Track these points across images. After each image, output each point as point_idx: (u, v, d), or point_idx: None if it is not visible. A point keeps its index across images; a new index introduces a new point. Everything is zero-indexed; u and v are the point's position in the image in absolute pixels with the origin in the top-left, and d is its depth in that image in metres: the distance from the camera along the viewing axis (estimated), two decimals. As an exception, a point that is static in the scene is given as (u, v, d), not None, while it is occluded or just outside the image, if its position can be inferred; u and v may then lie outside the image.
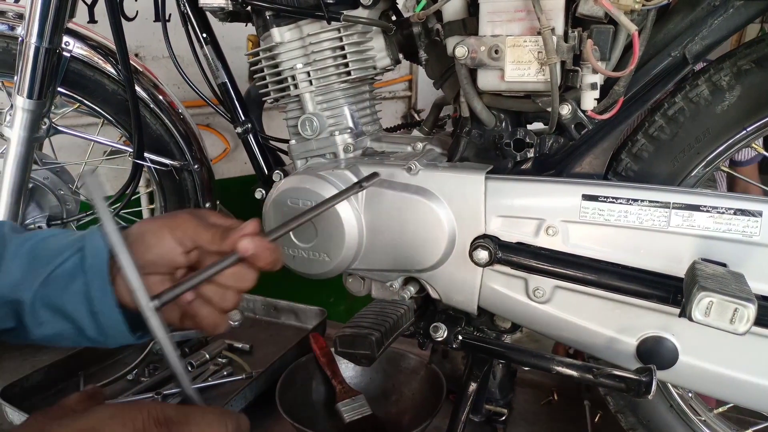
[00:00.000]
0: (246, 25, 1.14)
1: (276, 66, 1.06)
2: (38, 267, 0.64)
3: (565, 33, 0.81)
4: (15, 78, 1.20)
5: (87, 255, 0.64)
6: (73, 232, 0.69)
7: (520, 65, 0.83)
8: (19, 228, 0.70)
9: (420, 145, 1.05)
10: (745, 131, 0.85)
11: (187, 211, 0.68)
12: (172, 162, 1.36)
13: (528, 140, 0.95)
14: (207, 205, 1.40)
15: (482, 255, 0.90)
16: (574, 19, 0.82)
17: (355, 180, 0.97)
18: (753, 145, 0.89)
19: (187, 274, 0.68)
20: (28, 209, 1.37)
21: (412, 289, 1.00)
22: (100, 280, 0.63)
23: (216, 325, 0.66)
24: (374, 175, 0.91)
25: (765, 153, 0.95)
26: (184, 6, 1.13)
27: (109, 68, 1.28)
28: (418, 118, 2.58)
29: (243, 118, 1.18)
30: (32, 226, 1.38)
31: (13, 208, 1.29)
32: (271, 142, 1.22)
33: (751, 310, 0.66)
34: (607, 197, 0.84)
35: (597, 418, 1.26)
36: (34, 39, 1.16)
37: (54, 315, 0.65)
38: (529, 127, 0.97)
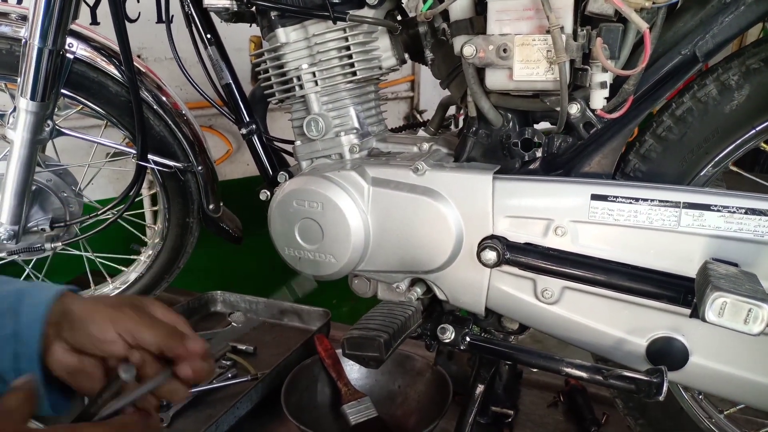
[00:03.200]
0: (250, 26, 1.14)
1: (281, 66, 1.06)
2: None
3: (574, 31, 0.81)
4: (18, 80, 1.20)
5: (22, 326, 0.63)
6: (10, 286, 0.67)
7: (528, 64, 0.82)
8: None
9: (426, 146, 1.04)
10: (754, 131, 0.84)
11: (132, 302, 0.67)
12: (175, 163, 1.35)
13: (536, 140, 0.94)
14: (211, 206, 1.40)
15: (490, 256, 0.89)
16: (583, 17, 0.81)
17: (362, 181, 0.96)
18: (762, 145, 0.88)
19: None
20: (31, 211, 1.36)
21: (418, 291, 1.00)
22: (29, 354, 0.62)
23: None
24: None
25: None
26: (188, 7, 1.13)
27: (113, 70, 1.27)
28: (420, 119, 2.57)
29: (247, 119, 1.18)
30: (35, 228, 1.37)
31: (16, 210, 1.28)
32: (276, 143, 1.22)
33: (765, 311, 0.66)
34: (617, 197, 0.84)
35: (604, 419, 1.25)
36: (37, 41, 1.15)
37: None
38: (537, 126, 0.96)
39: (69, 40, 1.23)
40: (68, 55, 1.24)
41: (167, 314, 0.68)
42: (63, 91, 1.27)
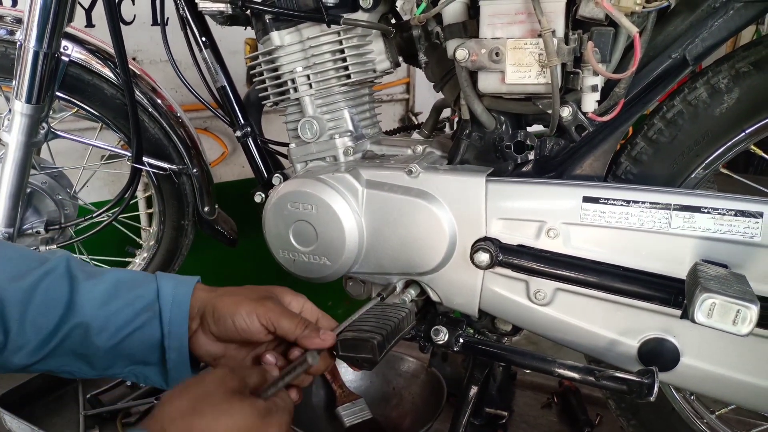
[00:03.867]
0: (245, 29, 1.14)
1: (276, 69, 1.06)
2: (114, 318, 0.69)
3: (566, 35, 0.82)
4: (13, 82, 1.20)
5: (165, 321, 0.70)
6: (138, 279, 0.73)
7: (520, 68, 0.83)
8: (80, 263, 0.73)
9: (420, 148, 1.05)
10: (744, 133, 0.85)
11: (269, 295, 0.74)
12: (170, 166, 1.35)
13: (528, 142, 0.95)
14: (206, 209, 1.40)
15: (483, 258, 0.90)
16: (574, 21, 0.82)
17: (356, 183, 0.97)
18: (752, 147, 0.89)
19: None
20: (26, 214, 1.36)
21: (412, 292, 1.00)
22: (179, 347, 0.71)
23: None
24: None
25: (765, 156, 0.95)
26: (183, 10, 1.13)
27: (108, 72, 1.28)
28: (415, 121, 2.57)
29: (242, 121, 1.18)
30: (30, 230, 1.37)
31: (11, 212, 1.28)
32: (271, 145, 1.22)
33: (753, 312, 0.66)
34: (608, 199, 0.84)
35: (597, 419, 1.26)
36: (32, 43, 1.16)
37: (125, 362, 0.71)
38: (529, 129, 0.97)
39: (64, 42, 1.23)
40: (63, 57, 1.24)
41: (298, 302, 0.76)
42: (58, 93, 1.27)
